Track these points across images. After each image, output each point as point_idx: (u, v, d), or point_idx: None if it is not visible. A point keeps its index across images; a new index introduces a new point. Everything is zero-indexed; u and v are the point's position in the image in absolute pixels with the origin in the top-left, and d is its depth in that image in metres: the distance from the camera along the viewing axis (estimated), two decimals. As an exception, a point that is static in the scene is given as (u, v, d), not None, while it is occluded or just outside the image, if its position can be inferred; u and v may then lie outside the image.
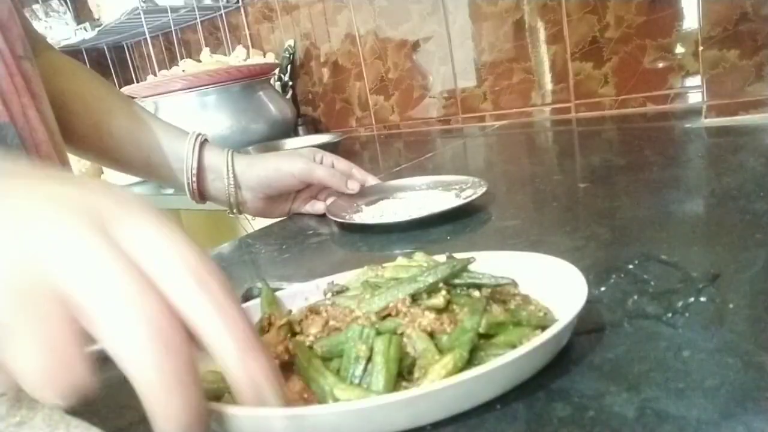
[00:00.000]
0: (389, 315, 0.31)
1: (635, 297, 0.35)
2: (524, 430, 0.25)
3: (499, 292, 0.33)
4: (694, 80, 1.05)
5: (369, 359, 0.28)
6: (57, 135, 0.57)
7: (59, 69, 0.67)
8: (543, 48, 1.23)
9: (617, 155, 0.79)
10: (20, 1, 0.60)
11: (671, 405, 0.24)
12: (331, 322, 0.32)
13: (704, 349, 0.28)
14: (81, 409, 0.31)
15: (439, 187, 0.68)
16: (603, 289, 0.37)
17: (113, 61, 2.30)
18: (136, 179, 1.30)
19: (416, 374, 0.28)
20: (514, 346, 0.27)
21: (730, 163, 0.63)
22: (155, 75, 1.65)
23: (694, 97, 1.06)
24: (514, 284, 0.34)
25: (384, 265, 0.37)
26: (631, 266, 0.39)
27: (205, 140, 0.68)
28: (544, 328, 0.29)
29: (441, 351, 0.28)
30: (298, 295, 0.39)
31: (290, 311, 0.37)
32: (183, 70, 1.44)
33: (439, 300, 0.31)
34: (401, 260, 0.38)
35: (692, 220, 0.48)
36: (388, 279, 0.35)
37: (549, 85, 1.24)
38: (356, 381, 0.28)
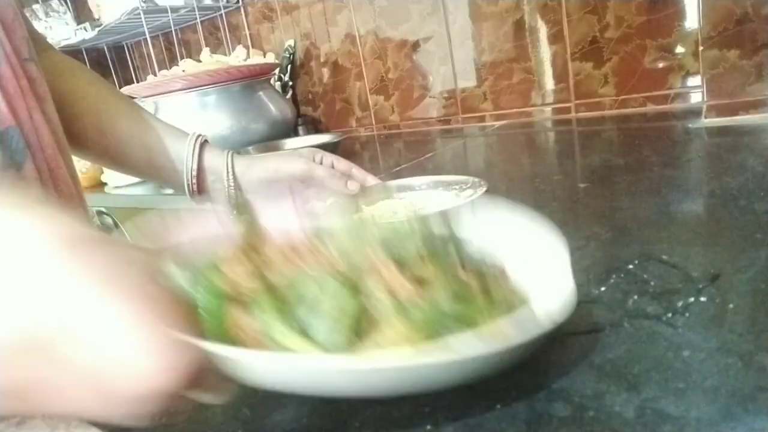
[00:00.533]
0: (362, 268, 0.29)
1: (635, 297, 0.35)
2: (524, 430, 0.25)
3: (478, 264, 0.32)
4: (694, 80, 1.05)
5: (325, 309, 0.27)
6: (62, 136, 0.57)
7: (60, 70, 0.67)
8: (543, 48, 1.23)
9: (617, 155, 0.79)
10: (21, 1, 0.60)
11: (671, 405, 0.24)
12: (299, 262, 0.31)
13: (704, 349, 0.28)
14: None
15: (440, 187, 0.68)
16: (603, 289, 0.37)
17: (113, 61, 2.30)
18: (136, 179, 1.30)
19: (373, 334, 0.27)
20: (473, 325, 0.27)
21: (730, 163, 0.63)
22: (155, 75, 1.64)
23: (694, 97, 1.06)
24: (496, 261, 0.33)
25: (377, 209, 0.35)
26: (631, 266, 0.39)
27: (205, 141, 0.68)
28: (511, 309, 0.28)
29: (403, 316, 0.27)
30: (281, 228, 0.36)
31: (265, 242, 0.35)
32: (183, 70, 1.44)
33: (416, 262, 0.30)
34: (393, 207, 0.35)
35: (692, 220, 0.48)
36: (371, 232, 0.33)
37: (549, 85, 1.24)
38: (308, 329, 0.26)
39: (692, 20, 1.02)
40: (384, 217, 0.62)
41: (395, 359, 0.24)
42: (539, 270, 0.33)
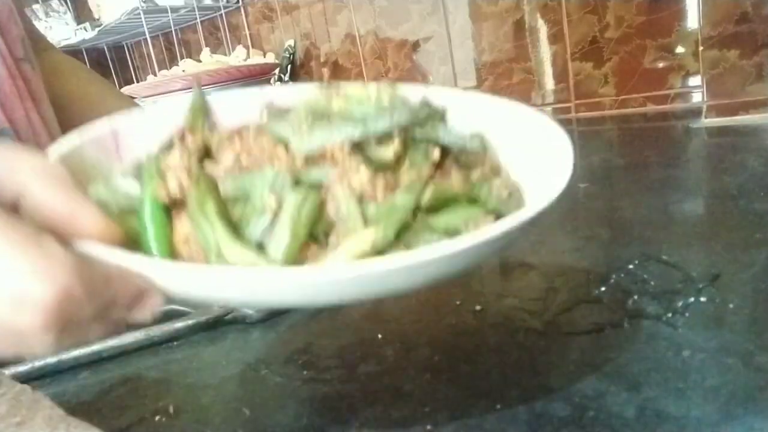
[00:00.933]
0: (322, 160, 0.25)
1: (635, 297, 0.35)
2: (524, 430, 0.25)
3: (465, 156, 0.28)
4: (695, 80, 1.05)
5: (276, 215, 0.23)
6: (58, 137, 0.57)
7: (60, 69, 0.67)
8: (543, 48, 1.23)
9: (617, 155, 0.79)
10: (20, 1, 0.60)
11: (671, 405, 0.24)
12: (247, 155, 0.26)
13: (704, 349, 0.28)
14: (81, 409, 0.31)
15: None
16: (603, 289, 0.37)
17: (113, 61, 2.30)
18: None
19: (332, 239, 0.23)
20: (455, 232, 0.23)
21: (730, 163, 0.63)
22: (155, 75, 1.65)
23: (695, 97, 1.06)
24: (485, 149, 0.28)
25: (344, 87, 0.29)
26: (631, 266, 0.39)
27: None
28: (500, 215, 0.24)
29: (366, 221, 0.23)
30: (238, 107, 0.32)
31: (214, 126, 0.31)
32: (183, 70, 1.44)
33: (387, 153, 0.25)
34: (360, 87, 0.29)
35: (692, 220, 0.48)
36: (337, 111, 0.28)
37: (549, 85, 1.24)
38: (254, 238, 0.23)
39: (692, 20, 1.02)
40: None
41: (352, 267, 0.20)
42: (535, 152, 0.28)
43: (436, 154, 0.26)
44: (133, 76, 2.32)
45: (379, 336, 0.37)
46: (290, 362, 0.36)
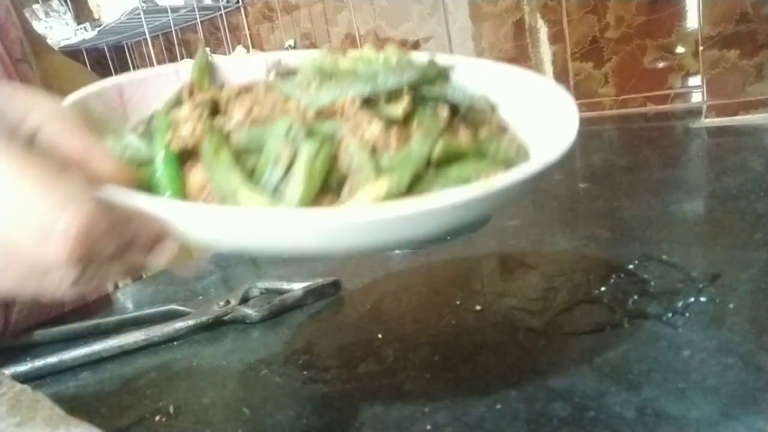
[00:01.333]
0: (333, 115, 0.25)
1: (635, 297, 0.35)
2: (524, 430, 0.25)
3: (472, 115, 0.28)
4: (695, 80, 1.05)
5: (290, 164, 0.23)
6: None
7: (60, 71, 0.67)
8: (543, 48, 1.23)
9: (617, 155, 0.79)
10: (20, 1, 0.60)
11: (671, 405, 0.24)
12: (258, 108, 0.26)
13: (704, 349, 0.28)
14: (81, 409, 0.31)
15: None
16: (603, 289, 0.37)
17: (113, 61, 2.30)
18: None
19: (346, 189, 0.23)
20: (466, 183, 0.23)
21: (730, 163, 0.63)
22: (155, 75, 1.64)
23: (695, 97, 1.06)
24: (492, 108, 0.29)
25: (349, 51, 0.30)
26: (631, 266, 0.39)
27: None
28: (511, 166, 0.25)
29: (380, 171, 0.23)
30: (243, 70, 0.33)
31: (222, 85, 0.31)
32: (183, 70, 1.43)
33: (396, 110, 0.25)
34: (368, 50, 0.30)
35: (692, 220, 0.48)
36: (344, 70, 0.28)
37: (549, 85, 1.24)
38: (269, 188, 0.23)
39: (692, 20, 1.02)
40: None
41: (370, 209, 0.20)
42: (534, 104, 0.29)
43: (444, 111, 0.26)
44: (133, 76, 2.31)
45: (379, 336, 0.37)
46: (290, 362, 0.36)
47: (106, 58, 2.28)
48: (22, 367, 0.39)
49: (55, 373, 0.39)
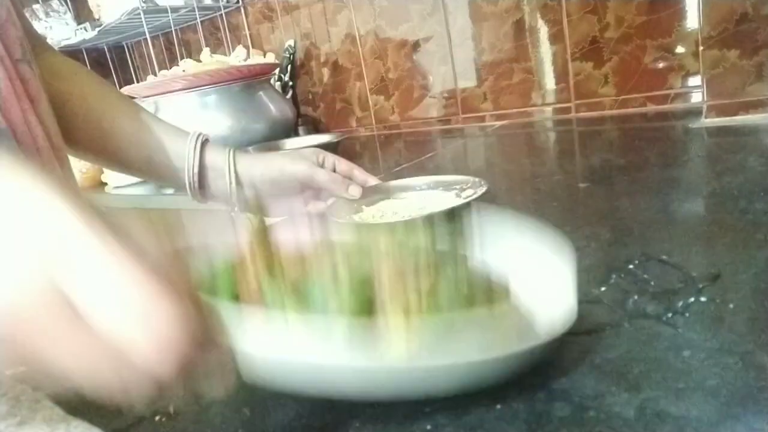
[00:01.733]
0: (371, 283, 0.30)
1: (635, 297, 0.35)
2: (524, 430, 0.25)
3: (489, 290, 0.32)
4: (695, 80, 1.05)
5: (338, 312, 0.27)
6: (57, 138, 0.57)
7: (60, 71, 0.67)
8: (543, 48, 1.23)
9: (617, 155, 0.79)
10: (20, 1, 0.60)
11: (671, 405, 0.24)
12: (309, 267, 0.31)
13: (704, 349, 0.28)
14: (81, 409, 0.31)
15: (440, 187, 0.68)
16: (603, 289, 0.37)
17: (113, 61, 2.30)
18: (137, 179, 1.30)
19: (383, 348, 0.27)
20: (485, 348, 0.27)
21: (730, 163, 0.63)
22: (155, 75, 1.64)
23: (695, 97, 1.06)
24: (507, 289, 0.34)
25: (378, 209, 0.35)
26: (631, 266, 0.39)
27: (207, 140, 0.68)
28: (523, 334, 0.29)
29: (411, 331, 0.28)
30: (290, 232, 0.37)
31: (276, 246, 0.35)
32: (183, 70, 1.44)
33: (425, 281, 0.30)
34: (394, 207, 0.35)
35: (692, 220, 0.48)
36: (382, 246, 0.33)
37: (549, 85, 1.24)
38: (323, 331, 0.27)
39: (692, 20, 1.02)
40: (385, 216, 0.62)
41: (399, 362, 0.25)
42: (542, 283, 0.33)
43: (464, 288, 0.31)
44: (133, 76, 2.32)
45: (379, 336, 0.37)
46: (290, 362, 0.36)
47: (106, 58, 2.28)
48: (23, 367, 0.39)
49: (55, 373, 0.39)
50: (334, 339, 0.26)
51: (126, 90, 1.33)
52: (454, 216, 0.34)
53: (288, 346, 0.26)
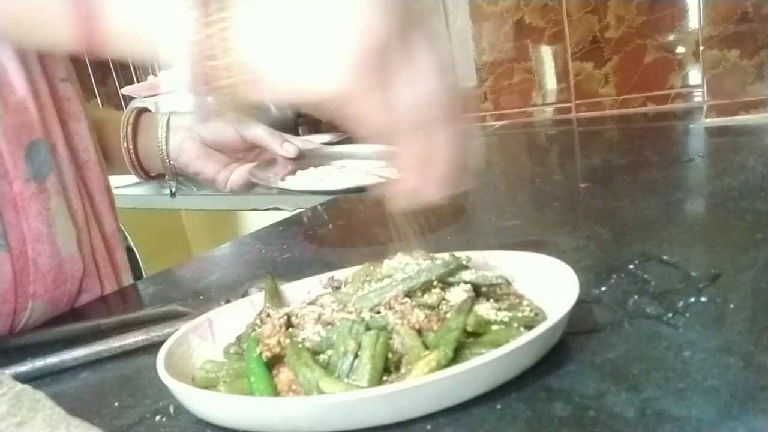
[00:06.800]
0: (384, 308, 0.32)
1: (635, 297, 0.35)
2: (524, 430, 0.25)
3: (493, 291, 0.34)
4: (695, 80, 1.05)
5: (356, 354, 0.29)
6: (95, 154, 0.60)
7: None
8: (543, 48, 1.23)
9: (617, 155, 0.79)
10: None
11: (671, 405, 0.24)
12: (324, 316, 0.33)
13: (705, 349, 0.28)
14: (81, 409, 0.31)
15: (383, 159, 0.63)
16: (603, 289, 0.37)
17: (113, 61, 2.30)
18: (137, 180, 1.30)
19: (402, 370, 0.29)
20: (499, 345, 0.28)
21: (731, 163, 0.63)
22: (155, 75, 1.64)
23: (695, 97, 1.06)
24: (507, 283, 0.35)
25: (385, 259, 0.38)
26: (631, 266, 0.39)
27: (143, 110, 0.69)
28: (533, 327, 0.29)
29: (427, 348, 0.29)
30: (301, 289, 0.40)
31: (289, 305, 0.38)
32: (183, 70, 1.43)
33: (432, 298, 0.32)
34: (401, 256, 0.38)
35: (692, 220, 0.48)
36: (384, 275, 0.36)
37: (549, 85, 1.24)
38: (343, 375, 0.29)
39: (693, 20, 1.02)
40: (308, 184, 0.61)
41: (423, 379, 0.26)
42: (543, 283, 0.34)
43: (470, 291, 0.33)
44: (133, 76, 2.32)
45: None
46: (290, 362, 0.36)
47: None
48: (23, 367, 0.39)
49: (55, 373, 0.39)
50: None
51: (126, 90, 1.33)
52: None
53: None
